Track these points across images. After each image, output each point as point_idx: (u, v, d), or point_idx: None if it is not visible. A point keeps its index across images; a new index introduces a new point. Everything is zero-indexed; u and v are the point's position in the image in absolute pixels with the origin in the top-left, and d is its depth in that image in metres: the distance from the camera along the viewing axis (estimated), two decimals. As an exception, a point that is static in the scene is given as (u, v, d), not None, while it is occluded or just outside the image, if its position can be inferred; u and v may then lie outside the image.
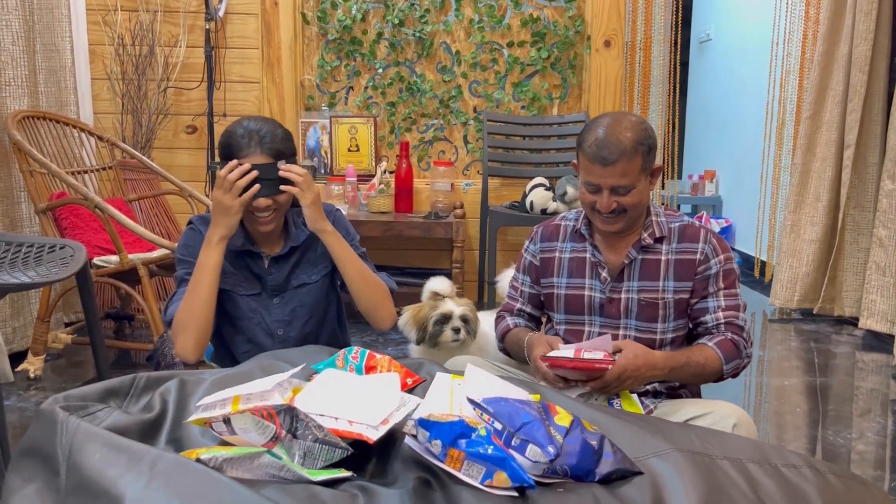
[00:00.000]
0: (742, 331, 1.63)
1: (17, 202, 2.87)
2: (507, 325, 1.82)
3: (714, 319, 1.63)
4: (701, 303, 1.65)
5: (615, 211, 1.60)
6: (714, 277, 1.65)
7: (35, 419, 1.02)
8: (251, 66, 3.71)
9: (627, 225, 1.64)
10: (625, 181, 1.57)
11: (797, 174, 3.73)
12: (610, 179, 1.57)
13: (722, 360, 1.59)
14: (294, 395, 1.13)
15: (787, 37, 3.97)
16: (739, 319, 1.63)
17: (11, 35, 2.81)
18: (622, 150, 1.55)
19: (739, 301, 1.66)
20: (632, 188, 1.58)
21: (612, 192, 1.58)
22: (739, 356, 1.61)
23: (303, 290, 1.79)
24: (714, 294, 1.65)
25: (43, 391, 2.56)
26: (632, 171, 1.57)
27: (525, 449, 1.01)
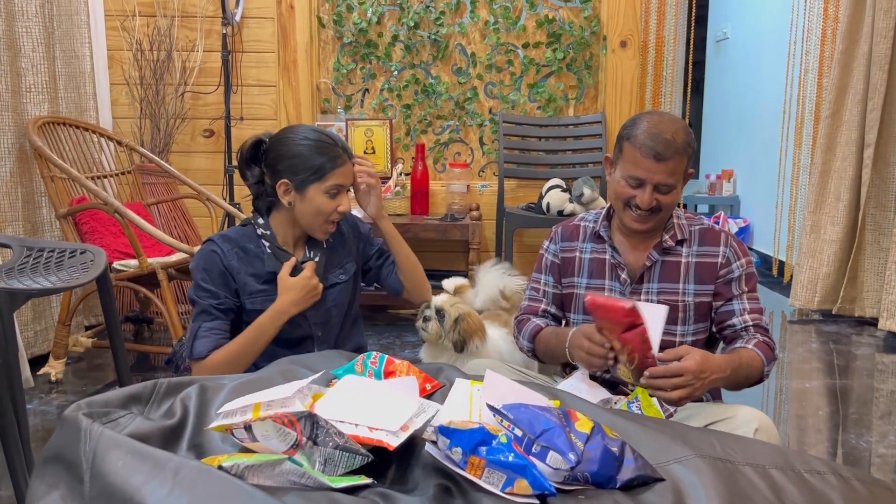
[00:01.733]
0: (769, 333, 1.63)
1: (39, 207, 2.91)
2: (538, 324, 1.76)
3: (742, 322, 1.63)
4: (726, 305, 1.65)
5: (652, 209, 1.59)
6: (737, 281, 1.65)
7: (59, 426, 1.03)
8: (268, 70, 3.73)
9: (656, 225, 1.64)
10: (671, 179, 1.57)
11: (817, 174, 3.70)
12: (658, 175, 1.56)
13: (763, 361, 1.58)
14: (314, 402, 1.13)
15: (805, 35, 3.94)
16: (764, 322, 1.64)
17: (32, 42, 2.84)
18: (676, 149, 1.55)
19: (760, 304, 1.66)
20: (674, 188, 1.59)
21: (655, 188, 1.57)
22: (774, 357, 1.61)
23: (335, 289, 1.83)
24: (738, 297, 1.65)
25: (64, 394, 2.58)
26: (678, 171, 1.58)
27: (546, 456, 1.00)
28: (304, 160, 1.69)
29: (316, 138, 1.71)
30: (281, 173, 1.70)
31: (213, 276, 1.71)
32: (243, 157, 1.77)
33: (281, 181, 1.70)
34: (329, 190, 1.70)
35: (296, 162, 1.69)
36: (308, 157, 1.69)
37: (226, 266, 1.72)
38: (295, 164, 1.69)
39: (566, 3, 3.71)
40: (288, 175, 1.70)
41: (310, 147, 1.70)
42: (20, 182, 2.79)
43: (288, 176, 1.70)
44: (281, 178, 1.70)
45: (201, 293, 1.72)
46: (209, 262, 1.73)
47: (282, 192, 1.71)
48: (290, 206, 1.72)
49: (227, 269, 1.72)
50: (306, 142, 1.70)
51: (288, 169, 1.70)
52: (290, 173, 1.70)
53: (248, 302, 1.74)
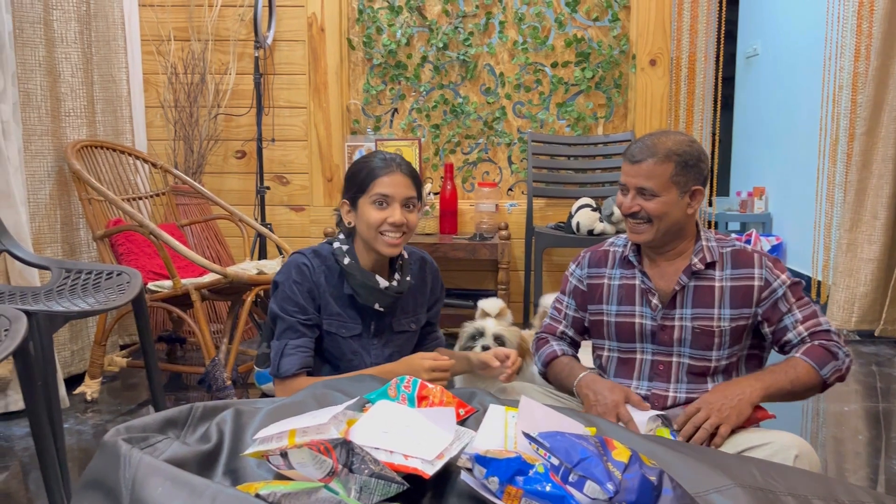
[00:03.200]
0: (830, 333, 1.60)
1: (76, 228, 2.96)
2: (554, 351, 1.79)
3: (797, 335, 1.61)
4: (780, 324, 1.63)
5: (639, 217, 1.60)
6: (783, 298, 1.62)
7: (98, 451, 1.04)
8: (298, 92, 3.78)
9: (656, 239, 1.62)
10: (649, 183, 1.58)
11: (853, 191, 3.64)
12: (634, 179, 1.60)
13: (815, 366, 1.55)
14: (349, 427, 1.13)
15: (839, 51, 3.89)
16: (823, 324, 1.61)
17: (71, 67, 2.91)
18: (652, 152, 1.58)
19: (815, 307, 1.64)
20: (656, 195, 1.58)
21: (637, 193, 1.60)
22: (835, 358, 1.57)
23: (403, 336, 1.84)
24: (789, 312, 1.62)
25: (99, 414, 2.62)
26: (658, 176, 1.58)
27: (583, 486, 0.99)
28: (353, 177, 1.74)
29: (364, 157, 1.77)
30: (343, 195, 1.78)
31: (303, 290, 1.70)
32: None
33: (342, 202, 1.77)
34: (375, 200, 1.69)
35: (349, 181, 1.75)
36: (356, 174, 1.74)
37: (314, 281, 1.72)
38: (348, 183, 1.76)
39: (595, 22, 3.71)
40: (345, 195, 1.76)
41: (357, 164, 1.76)
42: (59, 204, 2.85)
43: (345, 196, 1.76)
44: (342, 200, 1.77)
45: (289, 307, 1.70)
46: (300, 276, 1.71)
47: (345, 212, 1.77)
48: (349, 225, 1.76)
49: (315, 285, 1.72)
50: (359, 162, 1.76)
51: (345, 190, 1.77)
52: (346, 193, 1.76)
53: (326, 323, 1.74)
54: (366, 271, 1.74)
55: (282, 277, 1.73)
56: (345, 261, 1.74)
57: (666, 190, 1.58)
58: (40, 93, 2.75)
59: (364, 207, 1.71)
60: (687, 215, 1.62)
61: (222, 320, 3.43)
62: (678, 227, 1.63)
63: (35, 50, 2.73)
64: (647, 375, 1.68)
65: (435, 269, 1.92)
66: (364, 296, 1.74)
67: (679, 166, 1.58)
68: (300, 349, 1.70)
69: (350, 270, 1.73)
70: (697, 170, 1.60)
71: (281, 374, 1.68)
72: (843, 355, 1.58)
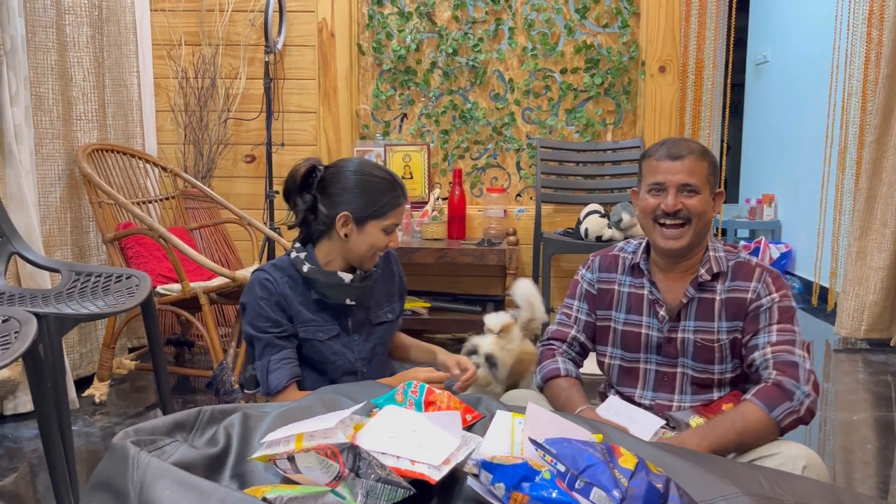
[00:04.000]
0: (796, 368, 1.49)
1: (86, 232, 2.98)
2: (557, 369, 1.71)
3: (762, 357, 1.53)
4: (752, 340, 1.57)
5: (681, 217, 1.57)
6: (765, 313, 1.57)
7: (107, 453, 1.05)
8: (308, 97, 3.79)
9: (691, 242, 1.59)
10: (692, 179, 1.56)
11: (862, 199, 3.62)
12: (678, 176, 1.57)
13: (764, 408, 1.46)
14: (356, 432, 1.13)
15: (848, 59, 3.88)
16: (796, 356, 1.51)
17: (83, 71, 2.94)
18: (691, 150, 1.58)
19: (796, 337, 1.54)
20: (697, 191, 1.57)
21: (678, 191, 1.57)
22: (789, 398, 1.46)
23: (382, 327, 1.84)
24: (765, 329, 1.56)
25: (107, 416, 2.63)
26: (699, 172, 1.57)
27: (589, 492, 0.99)
28: (367, 196, 1.70)
29: (381, 176, 1.72)
30: (341, 205, 1.70)
31: (271, 303, 1.70)
32: (296, 184, 1.74)
33: (342, 213, 1.70)
34: (387, 227, 1.72)
35: (359, 197, 1.70)
36: (371, 194, 1.70)
37: (280, 293, 1.71)
38: (358, 198, 1.70)
39: (604, 28, 3.72)
40: (349, 208, 1.69)
41: (374, 184, 1.71)
42: (69, 207, 2.87)
43: (349, 209, 1.69)
44: (342, 211, 1.70)
45: (262, 324, 1.69)
46: (265, 291, 1.71)
47: (341, 223, 1.70)
48: (345, 237, 1.72)
49: (281, 297, 1.71)
50: (371, 178, 1.71)
51: (350, 202, 1.69)
52: (352, 207, 1.70)
53: (301, 330, 1.73)
54: (326, 271, 1.73)
55: (247, 297, 1.72)
56: (304, 268, 1.73)
57: (704, 187, 1.58)
58: (52, 96, 2.78)
59: (372, 230, 1.71)
60: (710, 219, 1.62)
61: (230, 324, 3.44)
62: (704, 232, 1.62)
63: (47, 54, 2.75)
64: (652, 385, 1.68)
65: (396, 258, 1.92)
66: (332, 295, 1.74)
67: (711, 166, 1.60)
68: (284, 361, 1.69)
69: (312, 276, 1.72)
70: (718, 171, 1.62)
71: (272, 391, 1.68)
72: (800, 395, 1.47)
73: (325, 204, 1.71)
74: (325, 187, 1.72)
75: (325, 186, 1.72)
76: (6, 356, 1.49)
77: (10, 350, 1.52)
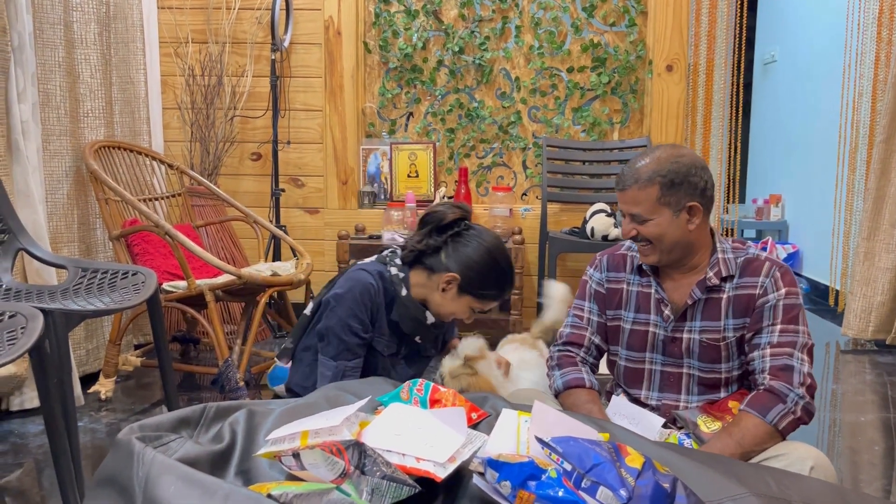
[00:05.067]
0: (791, 372, 1.49)
1: (93, 228, 2.99)
2: (581, 379, 1.68)
3: (760, 359, 1.53)
4: (755, 338, 1.56)
5: (640, 240, 1.59)
6: (770, 310, 1.55)
7: (112, 449, 1.05)
8: (314, 95, 3.79)
9: (662, 260, 1.60)
10: (637, 209, 1.56)
11: (871, 199, 3.60)
12: (624, 206, 1.59)
13: (758, 415, 1.46)
14: (361, 430, 1.13)
15: (858, 59, 3.86)
16: (793, 360, 1.51)
17: (90, 69, 2.94)
18: (635, 178, 1.56)
19: (799, 338, 1.53)
20: (647, 219, 1.56)
21: (631, 218, 1.59)
22: (782, 401, 1.47)
23: (427, 360, 1.93)
24: (768, 328, 1.54)
25: (113, 412, 2.63)
26: (644, 200, 1.55)
27: (596, 491, 0.98)
28: (483, 278, 1.77)
29: (504, 269, 1.80)
30: (458, 268, 1.76)
31: (368, 310, 1.76)
32: (438, 224, 1.80)
33: (453, 274, 1.76)
34: (476, 308, 1.80)
35: (477, 273, 1.76)
36: (487, 278, 1.77)
37: (376, 302, 1.77)
38: (475, 273, 1.76)
39: (612, 27, 3.71)
40: (462, 275, 1.76)
41: (495, 272, 1.78)
42: (76, 204, 2.87)
43: (462, 275, 1.76)
44: (455, 272, 1.76)
45: (355, 325, 1.74)
46: (368, 297, 1.76)
47: (446, 280, 1.77)
48: (442, 291, 1.78)
49: (376, 306, 1.77)
50: (496, 267, 1.78)
51: (466, 271, 1.76)
52: (465, 276, 1.76)
53: (376, 340, 1.80)
54: (419, 306, 1.80)
55: (347, 294, 1.75)
56: (402, 292, 1.79)
57: (656, 213, 1.55)
58: (59, 93, 2.78)
59: (465, 302, 1.78)
60: (689, 232, 1.57)
61: (236, 321, 3.45)
62: (684, 245, 1.59)
63: (55, 51, 2.76)
64: (658, 386, 1.67)
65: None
66: (409, 327, 1.81)
67: (664, 187, 1.53)
68: (355, 371, 1.75)
69: (405, 303, 1.79)
70: (689, 185, 1.54)
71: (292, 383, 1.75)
72: (794, 397, 1.47)
73: (447, 255, 1.78)
74: (457, 243, 1.78)
75: (457, 241, 1.78)
76: (12, 352, 1.49)
77: (16, 346, 1.52)
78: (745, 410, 1.49)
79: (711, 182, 1.58)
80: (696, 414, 1.58)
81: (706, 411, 1.59)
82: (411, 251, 1.82)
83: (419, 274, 1.82)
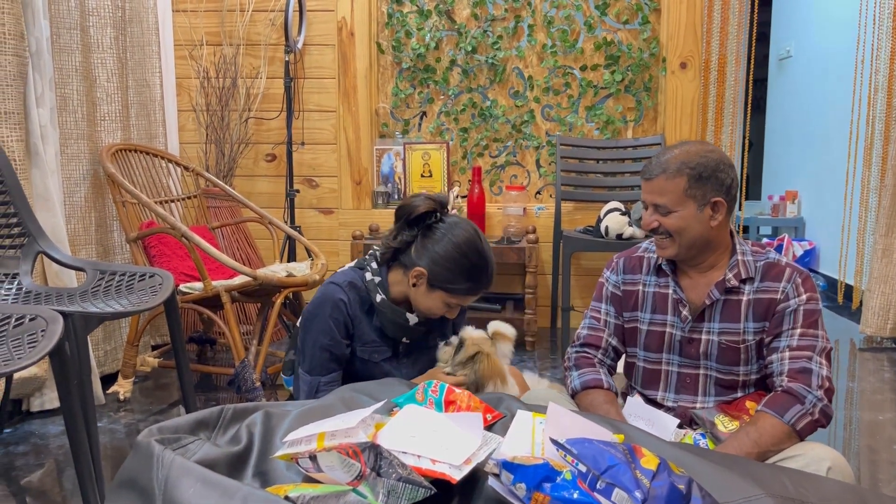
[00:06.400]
0: (810, 375, 1.50)
1: (110, 231, 3.02)
2: (600, 380, 1.67)
3: (779, 362, 1.53)
4: (774, 342, 1.56)
5: (660, 232, 1.59)
6: (791, 315, 1.55)
7: (132, 451, 1.06)
8: (328, 96, 3.81)
9: (680, 254, 1.60)
10: (662, 199, 1.56)
11: (888, 196, 3.57)
12: (648, 195, 1.59)
13: (775, 415, 1.46)
14: (377, 431, 1.14)
15: (874, 53, 3.82)
16: (811, 361, 1.51)
17: (106, 72, 2.97)
18: (663, 168, 1.56)
19: (818, 343, 1.54)
20: (671, 210, 1.56)
21: (654, 209, 1.59)
22: (800, 402, 1.47)
23: (433, 350, 1.88)
24: (788, 332, 1.55)
25: (132, 413, 2.66)
26: (671, 191, 1.55)
27: (611, 493, 0.99)
28: (452, 272, 1.71)
29: (475, 263, 1.72)
30: (425, 262, 1.72)
31: (339, 324, 1.74)
32: (410, 217, 1.74)
33: (420, 268, 1.72)
34: (450, 303, 1.75)
35: (444, 268, 1.71)
36: (456, 272, 1.71)
37: (350, 315, 1.76)
38: (442, 268, 1.71)
39: (625, 25, 3.69)
40: (430, 269, 1.71)
41: (464, 266, 1.71)
42: (94, 207, 2.90)
43: (429, 270, 1.71)
44: (422, 266, 1.72)
45: (325, 341, 1.73)
46: (338, 311, 1.74)
47: (414, 275, 1.73)
48: (413, 286, 1.75)
49: (350, 318, 1.76)
50: (465, 261, 1.71)
51: (434, 265, 1.71)
52: (432, 270, 1.71)
53: (360, 350, 1.79)
54: (397, 309, 1.78)
55: (317, 311, 1.74)
56: (377, 298, 1.77)
57: (681, 205, 1.55)
58: (76, 97, 2.81)
59: (436, 296, 1.73)
60: (711, 228, 1.57)
61: (252, 322, 3.47)
62: (704, 241, 1.59)
63: (72, 55, 2.79)
64: (675, 388, 1.67)
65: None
66: (392, 331, 1.80)
67: (692, 179, 1.54)
68: (331, 385, 1.74)
69: (382, 308, 1.77)
70: (716, 181, 1.54)
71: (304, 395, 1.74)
72: (812, 399, 1.48)
73: (418, 249, 1.73)
74: (427, 236, 1.73)
75: (427, 234, 1.73)
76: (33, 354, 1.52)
77: (37, 348, 1.54)
78: (762, 411, 1.49)
79: (737, 181, 1.59)
80: (713, 413, 1.58)
81: (724, 411, 1.59)
82: (387, 249, 1.79)
83: (396, 272, 1.79)
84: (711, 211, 1.56)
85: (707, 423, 1.56)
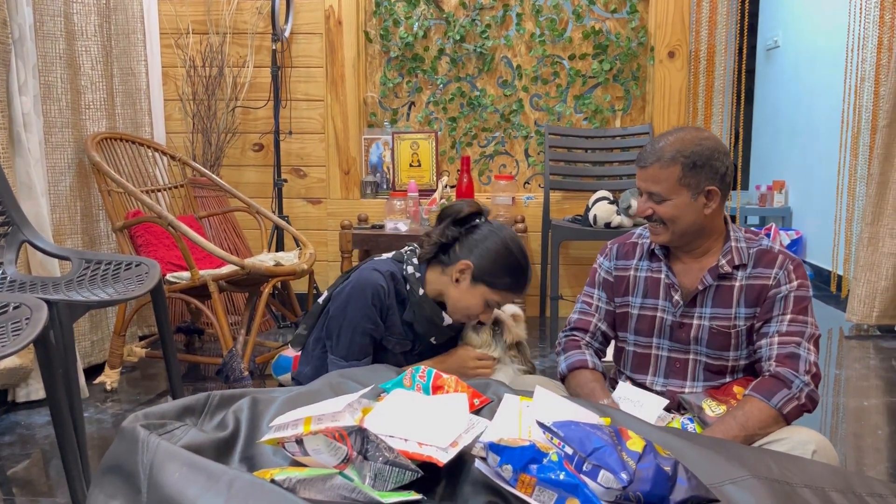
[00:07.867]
0: (797, 360, 1.52)
1: (96, 220, 2.99)
2: (584, 360, 1.71)
3: (768, 345, 1.55)
4: (764, 327, 1.58)
5: (654, 220, 1.60)
6: (781, 301, 1.57)
7: (117, 436, 1.06)
8: (316, 85, 3.79)
9: (673, 240, 1.61)
10: (656, 188, 1.57)
11: (874, 185, 3.59)
12: (643, 183, 1.59)
13: (762, 398, 1.48)
14: (364, 416, 1.14)
15: (861, 43, 3.84)
16: (800, 350, 1.53)
17: (91, 60, 2.94)
18: (657, 156, 1.56)
19: (807, 329, 1.55)
20: (665, 198, 1.56)
21: (648, 197, 1.59)
22: (787, 386, 1.49)
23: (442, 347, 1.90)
24: (777, 318, 1.56)
25: (119, 403, 2.65)
26: (665, 179, 1.55)
27: (597, 475, 0.99)
28: (497, 266, 1.74)
29: (519, 262, 1.77)
30: (472, 256, 1.75)
31: (377, 311, 1.76)
32: (455, 218, 1.80)
33: (467, 261, 1.75)
34: (490, 301, 1.77)
35: (491, 262, 1.74)
36: (501, 267, 1.75)
37: (388, 304, 1.77)
38: (489, 262, 1.74)
39: (613, 14, 3.69)
40: (476, 262, 1.74)
41: (509, 262, 1.76)
42: (79, 196, 2.88)
43: (476, 263, 1.74)
44: (469, 260, 1.75)
45: (367, 325, 1.75)
46: (377, 299, 1.75)
47: (459, 268, 1.75)
48: (456, 282, 1.77)
49: (387, 307, 1.77)
50: (511, 257, 1.75)
51: (480, 259, 1.74)
52: (479, 264, 1.74)
53: (386, 339, 1.80)
54: (435, 307, 1.79)
55: (359, 294, 1.75)
56: (419, 292, 1.79)
57: (675, 193, 1.55)
58: (61, 85, 2.78)
59: (477, 292, 1.76)
60: (704, 216, 1.58)
61: (240, 312, 3.46)
62: (697, 228, 1.59)
63: (55, 43, 2.75)
64: (664, 372, 1.68)
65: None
66: (424, 328, 1.81)
67: (687, 168, 1.54)
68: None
69: (422, 302, 1.78)
70: (710, 169, 1.54)
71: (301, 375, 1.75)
72: (799, 383, 1.49)
73: (462, 245, 1.77)
74: (472, 234, 1.78)
75: (472, 232, 1.78)
76: (18, 342, 1.50)
77: (21, 336, 1.53)
78: (750, 395, 1.50)
79: (732, 169, 1.59)
80: (701, 398, 1.59)
81: (711, 395, 1.60)
82: (430, 247, 1.82)
83: (434, 271, 1.82)
84: (705, 199, 1.57)
85: (695, 407, 1.56)
